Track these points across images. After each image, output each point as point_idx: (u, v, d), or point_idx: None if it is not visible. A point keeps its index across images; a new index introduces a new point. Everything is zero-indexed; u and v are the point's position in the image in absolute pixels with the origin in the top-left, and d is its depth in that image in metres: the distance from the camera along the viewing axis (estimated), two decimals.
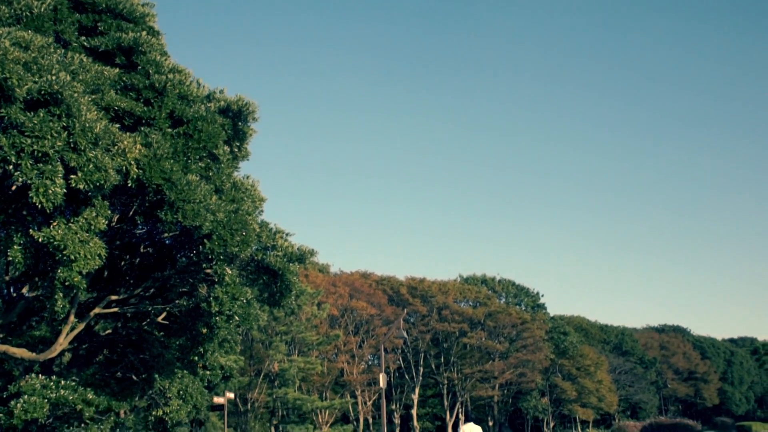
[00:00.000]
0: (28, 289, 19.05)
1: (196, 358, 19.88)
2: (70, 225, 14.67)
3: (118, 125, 15.90)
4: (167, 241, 19.47)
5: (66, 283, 14.76)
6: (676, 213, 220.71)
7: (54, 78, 14.46)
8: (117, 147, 15.09)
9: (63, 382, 18.60)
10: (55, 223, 14.71)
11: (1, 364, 21.74)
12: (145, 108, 17.03)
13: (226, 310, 16.85)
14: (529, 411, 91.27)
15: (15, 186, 15.76)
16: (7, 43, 14.13)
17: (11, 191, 16.04)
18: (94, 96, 15.80)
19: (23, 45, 14.97)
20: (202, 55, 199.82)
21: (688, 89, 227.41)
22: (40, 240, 14.34)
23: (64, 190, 14.11)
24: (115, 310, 19.65)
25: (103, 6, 18.61)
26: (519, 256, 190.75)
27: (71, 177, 14.24)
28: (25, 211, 16.35)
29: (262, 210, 19.43)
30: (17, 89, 13.91)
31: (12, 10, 16.89)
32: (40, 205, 13.90)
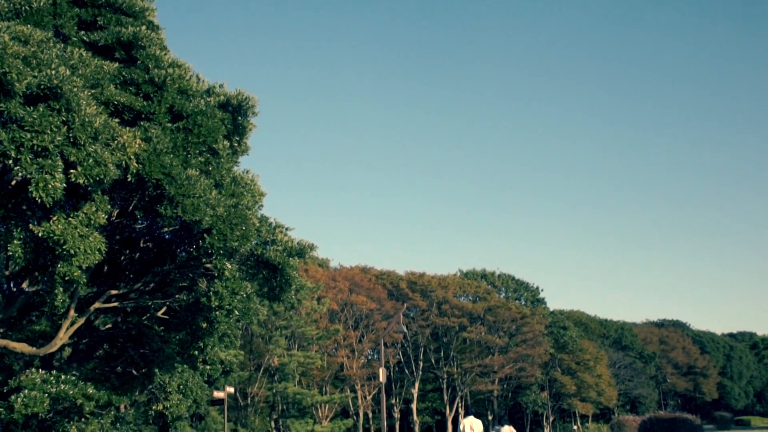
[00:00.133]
0: (28, 283, 19.06)
1: (196, 353, 19.89)
2: (70, 220, 14.67)
3: (117, 120, 15.89)
4: (167, 235, 19.47)
5: (66, 278, 14.76)
6: (676, 207, 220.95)
7: (53, 72, 14.43)
8: (117, 142, 15.08)
9: (63, 377, 18.59)
10: (54, 218, 14.71)
11: (2, 359, 21.77)
12: (144, 102, 17.02)
13: (226, 305, 16.85)
14: (529, 405, 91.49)
15: (15, 181, 15.76)
16: (6, 38, 14.11)
17: (11, 186, 16.04)
18: (93, 90, 15.78)
19: (23, 39, 14.95)
20: (201, 49, 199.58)
21: (690, 83, 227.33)
22: (40, 235, 14.34)
23: (64, 185, 14.10)
24: (115, 304, 19.66)
25: (103, 0, 18.59)
26: (518, 251, 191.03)
27: (71, 172, 14.23)
28: (25, 205, 16.35)
29: (262, 204, 19.41)
30: (17, 84, 13.90)
31: (11, 5, 16.88)
32: (39, 200, 13.89)
